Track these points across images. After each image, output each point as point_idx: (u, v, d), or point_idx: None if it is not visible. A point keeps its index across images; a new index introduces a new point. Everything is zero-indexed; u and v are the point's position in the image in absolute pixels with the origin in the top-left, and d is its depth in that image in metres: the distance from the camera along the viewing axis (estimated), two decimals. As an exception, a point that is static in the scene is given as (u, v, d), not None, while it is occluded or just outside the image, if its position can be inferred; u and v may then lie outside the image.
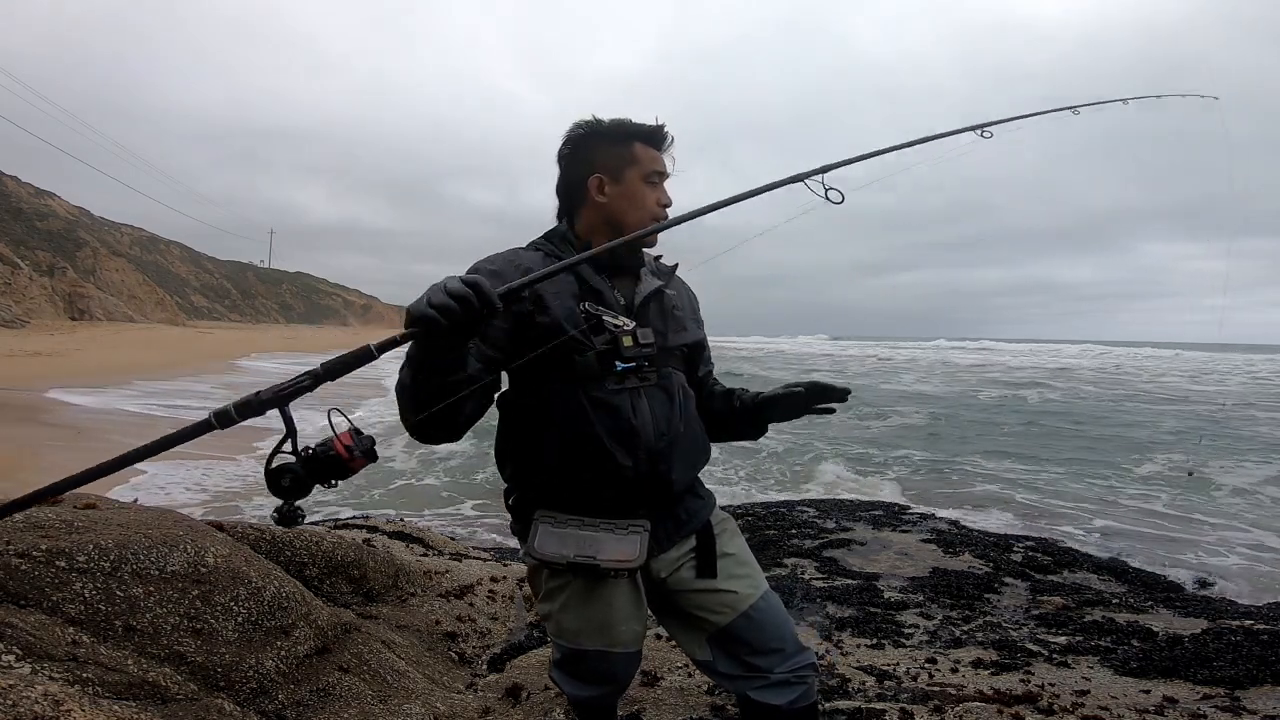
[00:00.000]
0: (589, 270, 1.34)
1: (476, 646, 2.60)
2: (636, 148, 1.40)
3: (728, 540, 1.44)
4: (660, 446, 1.32)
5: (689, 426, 1.39)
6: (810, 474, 8.58)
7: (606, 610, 1.36)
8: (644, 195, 1.40)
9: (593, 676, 1.45)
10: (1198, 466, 1.65)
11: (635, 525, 1.32)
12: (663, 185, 1.43)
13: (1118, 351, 57.63)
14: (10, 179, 46.63)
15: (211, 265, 77.64)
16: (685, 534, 1.40)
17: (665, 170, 1.43)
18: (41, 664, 1.36)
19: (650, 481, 1.32)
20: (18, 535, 1.61)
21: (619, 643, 1.39)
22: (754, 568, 1.44)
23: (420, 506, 6.73)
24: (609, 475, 1.29)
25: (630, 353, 1.30)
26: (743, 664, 1.36)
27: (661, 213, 1.41)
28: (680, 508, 1.41)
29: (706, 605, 1.37)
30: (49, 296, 34.18)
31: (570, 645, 1.41)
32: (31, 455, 7.59)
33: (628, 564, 1.29)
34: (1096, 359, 44.27)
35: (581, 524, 1.31)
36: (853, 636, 2.82)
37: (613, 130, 1.40)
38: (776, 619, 1.39)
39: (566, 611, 1.38)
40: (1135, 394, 21.48)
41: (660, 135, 1.43)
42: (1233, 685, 2.22)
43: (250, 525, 2.45)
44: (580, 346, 1.29)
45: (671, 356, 1.40)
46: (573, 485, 1.32)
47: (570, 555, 1.28)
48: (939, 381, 25.69)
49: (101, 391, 12.94)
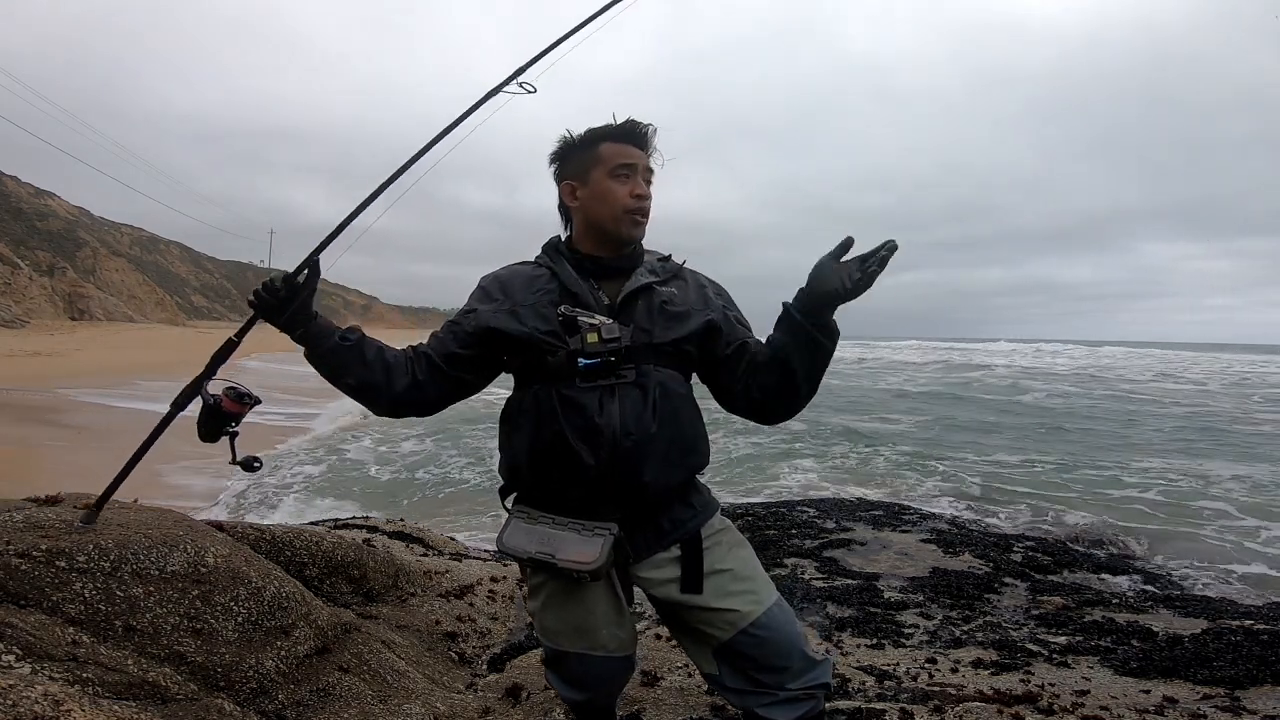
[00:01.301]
0: (569, 274, 1.39)
1: (476, 646, 2.60)
2: (602, 148, 1.40)
3: (723, 554, 1.38)
4: (626, 446, 1.27)
5: (667, 427, 1.32)
6: (777, 475, 8.53)
7: (584, 613, 1.37)
8: (610, 190, 1.39)
9: (576, 678, 1.46)
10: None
11: (602, 528, 1.29)
12: (637, 177, 1.41)
13: (1102, 351, 57.73)
14: (10, 179, 46.63)
15: (211, 265, 77.62)
16: (667, 544, 1.35)
17: (636, 161, 1.40)
18: (41, 664, 1.36)
19: (615, 482, 1.29)
20: (18, 535, 1.60)
21: (599, 646, 1.39)
22: (756, 582, 1.38)
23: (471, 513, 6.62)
24: (574, 474, 1.30)
25: (593, 349, 1.29)
26: (749, 679, 1.32)
27: (635, 204, 1.39)
28: (664, 516, 1.35)
29: (707, 620, 1.33)
30: (49, 296, 34.17)
31: (552, 645, 1.44)
32: (51, 455, 7.59)
33: (585, 566, 1.25)
34: (1078, 360, 44.19)
35: (552, 522, 1.32)
36: (853, 636, 2.82)
37: (582, 138, 1.43)
38: (782, 636, 1.33)
39: (547, 611, 1.41)
40: (1119, 394, 21.47)
41: (630, 130, 1.41)
42: (1233, 685, 2.22)
43: (250, 525, 2.45)
44: (554, 347, 1.32)
45: (658, 354, 1.34)
46: (543, 483, 1.34)
47: (531, 551, 1.30)
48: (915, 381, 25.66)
49: (112, 391, 12.94)
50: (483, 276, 1.48)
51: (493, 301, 1.41)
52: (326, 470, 8.41)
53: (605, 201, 1.39)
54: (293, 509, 6.60)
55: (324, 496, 7.17)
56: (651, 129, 1.43)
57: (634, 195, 1.39)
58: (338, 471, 8.44)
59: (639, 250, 1.46)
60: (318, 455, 9.22)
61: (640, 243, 1.45)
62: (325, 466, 8.60)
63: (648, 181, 1.42)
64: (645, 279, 1.39)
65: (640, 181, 1.40)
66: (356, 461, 9.09)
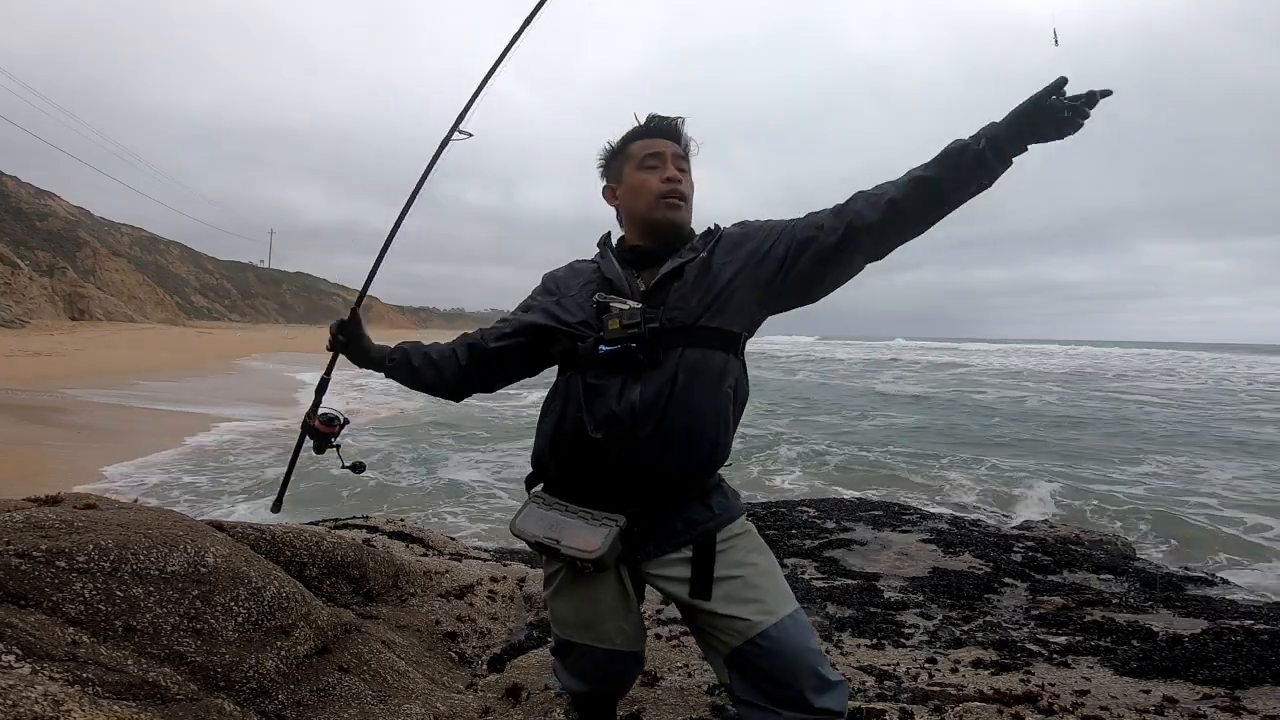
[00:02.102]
0: (611, 264, 1.43)
1: (476, 646, 2.60)
2: (631, 147, 1.47)
3: (737, 559, 1.33)
4: (640, 434, 1.26)
5: (687, 416, 1.28)
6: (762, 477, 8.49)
7: (592, 605, 1.38)
8: (642, 181, 1.44)
9: (581, 669, 1.48)
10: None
11: (610, 519, 1.29)
12: (666, 164, 1.44)
13: (1102, 351, 57.72)
14: (10, 179, 46.64)
15: (211, 265, 77.63)
16: (679, 544, 1.32)
17: (664, 150, 1.44)
18: (41, 664, 1.36)
19: (627, 469, 1.28)
20: (18, 535, 1.61)
21: (604, 639, 1.40)
22: (769, 591, 1.31)
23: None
24: (589, 460, 1.31)
25: (613, 335, 1.30)
26: (760, 692, 1.26)
27: (668, 188, 1.42)
28: (678, 514, 1.32)
29: (717, 626, 1.30)
30: (49, 296, 34.18)
31: (560, 634, 1.47)
32: (52, 455, 7.59)
33: (586, 554, 1.26)
34: (1077, 360, 44.11)
35: (564, 509, 1.34)
36: (853, 636, 2.82)
37: (616, 144, 1.50)
38: (793, 651, 1.25)
39: (557, 599, 1.44)
40: (1118, 394, 21.47)
41: (654, 124, 1.46)
42: (1233, 685, 2.22)
43: (250, 525, 2.45)
44: (585, 335, 1.35)
45: (691, 334, 1.31)
46: (561, 468, 1.38)
47: (539, 535, 1.33)
48: (904, 381, 25.67)
49: (112, 391, 12.94)
50: (546, 273, 1.56)
51: (548, 296, 1.49)
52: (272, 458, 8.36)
53: (639, 193, 1.44)
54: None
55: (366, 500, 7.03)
56: (679, 120, 1.47)
57: (664, 180, 1.42)
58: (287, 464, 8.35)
59: (686, 234, 1.46)
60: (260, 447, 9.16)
61: (687, 226, 1.47)
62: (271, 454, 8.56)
63: (681, 169, 1.45)
64: (680, 260, 1.38)
65: (670, 167, 1.43)
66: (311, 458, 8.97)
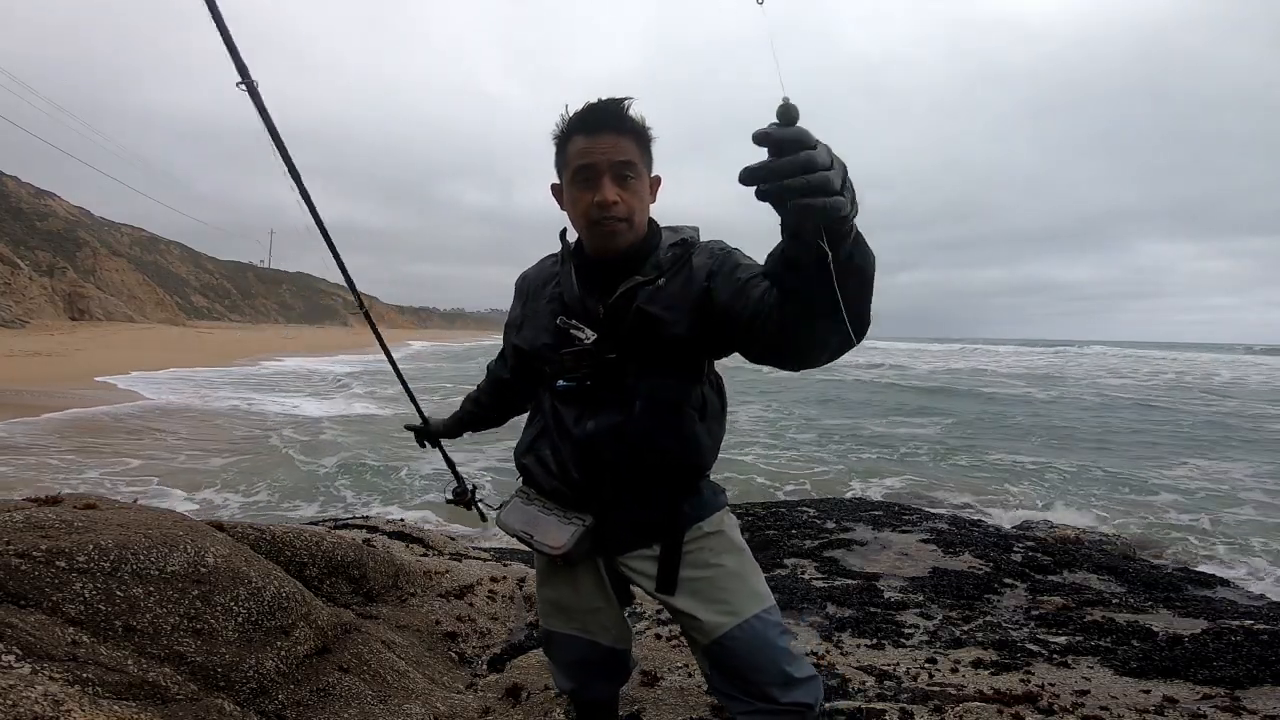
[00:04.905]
0: (569, 283, 1.31)
1: (476, 646, 2.60)
2: (569, 146, 1.21)
3: (707, 559, 1.32)
4: (604, 458, 1.29)
5: (648, 443, 1.26)
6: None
7: (569, 592, 1.44)
8: (574, 199, 1.22)
9: (566, 663, 1.51)
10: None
11: (578, 518, 1.34)
12: (601, 179, 1.17)
13: (1100, 350, 57.68)
14: (10, 179, 46.65)
15: (211, 265, 77.63)
16: (648, 541, 1.34)
17: (596, 161, 1.17)
18: (41, 664, 1.36)
19: (594, 485, 1.32)
20: (18, 535, 1.60)
21: (586, 630, 1.45)
22: (736, 593, 1.31)
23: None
24: (554, 474, 1.36)
25: (568, 371, 1.30)
26: (734, 685, 1.30)
27: (598, 215, 1.19)
28: (645, 514, 1.33)
29: (688, 625, 1.34)
30: (49, 296, 34.17)
31: (544, 624, 1.52)
32: (51, 455, 7.58)
33: (554, 549, 1.32)
34: (1076, 359, 44.00)
35: (542, 505, 1.39)
36: (853, 636, 2.82)
37: (557, 136, 1.24)
38: (757, 652, 1.27)
39: (540, 588, 1.51)
40: (1118, 394, 21.46)
41: (588, 117, 1.18)
42: (1233, 685, 2.22)
43: (250, 525, 2.45)
44: (550, 358, 1.35)
45: (645, 363, 1.24)
46: (530, 476, 1.42)
47: (517, 529, 1.38)
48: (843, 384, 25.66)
49: (112, 391, 12.93)
50: (519, 275, 1.51)
51: (520, 303, 1.46)
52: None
53: (573, 209, 1.24)
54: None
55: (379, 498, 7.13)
56: (624, 102, 1.17)
57: (595, 204, 1.18)
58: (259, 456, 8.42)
59: (649, 244, 1.27)
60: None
61: (632, 247, 1.24)
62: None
63: (623, 177, 1.19)
64: (635, 283, 1.23)
65: (605, 185, 1.17)
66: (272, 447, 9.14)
